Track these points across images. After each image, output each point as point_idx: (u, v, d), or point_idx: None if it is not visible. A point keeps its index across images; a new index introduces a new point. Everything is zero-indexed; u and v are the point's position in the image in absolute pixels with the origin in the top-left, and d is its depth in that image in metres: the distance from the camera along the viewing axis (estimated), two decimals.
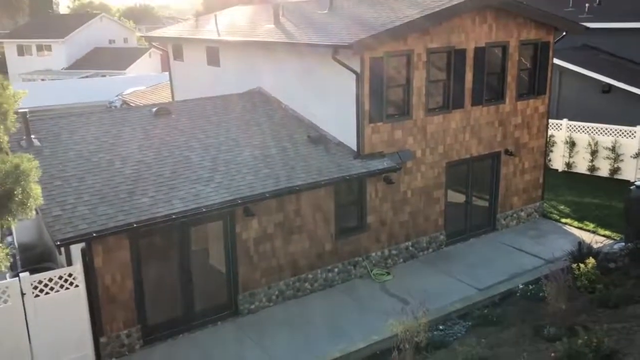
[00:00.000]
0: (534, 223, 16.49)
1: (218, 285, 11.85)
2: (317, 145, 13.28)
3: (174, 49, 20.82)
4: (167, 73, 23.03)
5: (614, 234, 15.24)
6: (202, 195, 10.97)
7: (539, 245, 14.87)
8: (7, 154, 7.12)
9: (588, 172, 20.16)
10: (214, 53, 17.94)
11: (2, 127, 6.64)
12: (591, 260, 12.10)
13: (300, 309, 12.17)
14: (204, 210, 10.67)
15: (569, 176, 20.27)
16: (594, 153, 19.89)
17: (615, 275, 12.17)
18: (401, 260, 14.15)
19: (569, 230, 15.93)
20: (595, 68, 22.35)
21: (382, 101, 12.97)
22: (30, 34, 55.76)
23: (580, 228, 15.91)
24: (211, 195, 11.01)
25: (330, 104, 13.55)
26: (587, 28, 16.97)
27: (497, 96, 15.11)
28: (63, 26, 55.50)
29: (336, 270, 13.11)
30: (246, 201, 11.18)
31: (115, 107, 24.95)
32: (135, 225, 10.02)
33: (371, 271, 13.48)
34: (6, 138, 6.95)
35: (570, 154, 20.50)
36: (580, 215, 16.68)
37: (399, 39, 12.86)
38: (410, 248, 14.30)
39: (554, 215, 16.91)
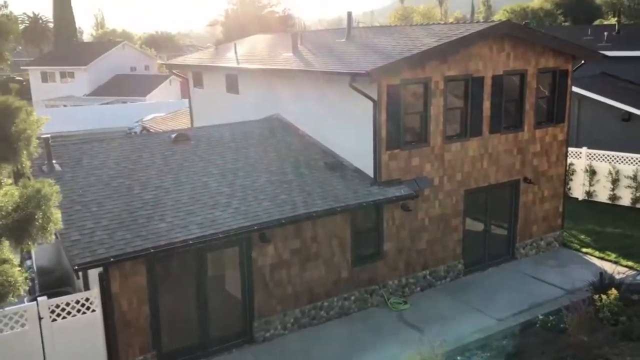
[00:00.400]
0: (553, 252, 16.23)
1: (234, 312, 11.79)
2: (334, 171, 13.29)
3: (194, 76, 21.15)
4: (186, 100, 23.36)
5: (637, 264, 14.92)
6: (219, 220, 11.00)
7: (559, 275, 14.60)
8: (29, 178, 7.23)
9: (609, 201, 19.85)
10: (233, 80, 18.17)
11: (25, 152, 6.75)
12: (613, 292, 11.85)
13: (316, 338, 12.03)
14: (220, 235, 10.68)
15: (590, 205, 19.98)
16: (615, 182, 19.61)
17: (638, 307, 11.90)
18: (418, 289, 13.98)
19: (590, 260, 15.63)
20: (615, 96, 22.22)
21: (399, 128, 12.98)
22: (54, 61, 57.15)
23: (602, 258, 15.61)
24: (228, 220, 11.03)
25: (348, 131, 13.60)
26: (606, 56, 16.91)
27: (516, 124, 15.05)
28: (86, 54, 56.78)
29: (352, 298, 12.99)
30: (263, 227, 11.17)
31: (135, 133, 25.30)
32: (152, 250, 10.05)
33: (388, 300, 13.33)
34: (29, 163, 7.06)
35: (590, 183, 20.24)
36: (602, 245, 16.38)
37: (416, 66, 12.92)
38: (428, 277, 14.14)
39: (575, 245, 16.63)
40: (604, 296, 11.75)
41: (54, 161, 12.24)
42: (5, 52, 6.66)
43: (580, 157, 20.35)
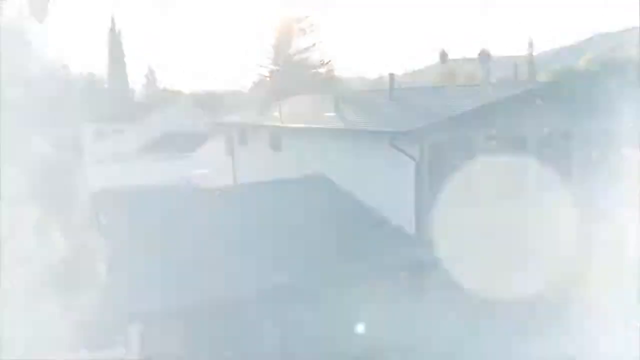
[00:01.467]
0: None
1: None
2: (376, 229, 13.18)
3: (239, 134, 21.68)
4: (231, 156, 23.86)
5: None
6: (260, 277, 10.98)
7: None
8: (77, 232, 7.44)
9: None
10: (276, 138, 18.54)
11: (75, 206, 6.98)
12: None
13: None
14: (261, 292, 10.64)
15: None
16: None
17: None
18: None
19: None
20: None
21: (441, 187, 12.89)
22: (107, 119, 59.54)
23: None
24: (269, 277, 11.00)
25: (389, 189, 13.56)
26: None
27: None
28: (137, 112, 59.03)
29: None
30: (303, 284, 11.09)
31: (182, 188, 25.81)
32: (191, 306, 10.06)
33: None
34: (78, 217, 7.29)
35: None
36: None
37: (457, 127, 12.93)
38: None
39: None
40: None
41: (101, 215, 12.57)
42: (64, 111, 7.02)
43: None
